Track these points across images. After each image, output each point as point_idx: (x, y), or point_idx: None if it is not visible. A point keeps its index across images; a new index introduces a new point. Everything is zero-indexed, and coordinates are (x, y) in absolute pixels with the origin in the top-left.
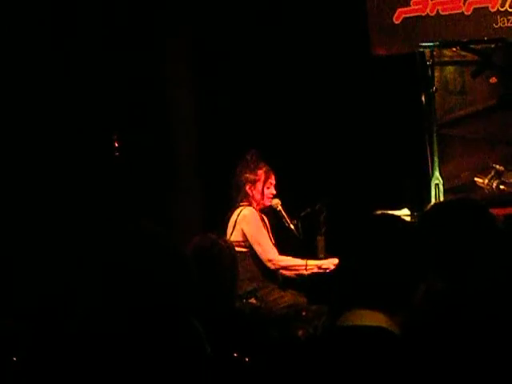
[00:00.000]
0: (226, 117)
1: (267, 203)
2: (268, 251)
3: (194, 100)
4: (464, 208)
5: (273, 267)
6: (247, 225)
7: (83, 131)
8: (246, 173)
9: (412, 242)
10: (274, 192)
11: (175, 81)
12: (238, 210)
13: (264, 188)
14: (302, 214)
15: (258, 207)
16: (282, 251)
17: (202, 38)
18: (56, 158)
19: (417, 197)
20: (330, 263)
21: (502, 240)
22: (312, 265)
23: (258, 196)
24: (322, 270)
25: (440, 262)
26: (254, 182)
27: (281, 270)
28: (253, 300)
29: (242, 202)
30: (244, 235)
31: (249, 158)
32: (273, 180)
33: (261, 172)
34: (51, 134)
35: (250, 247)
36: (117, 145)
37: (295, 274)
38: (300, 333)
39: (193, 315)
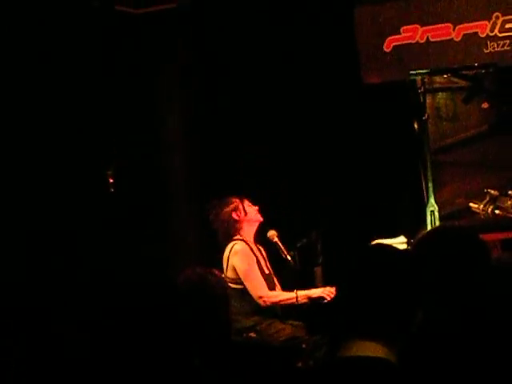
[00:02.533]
0: (222, 145)
1: (259, 218)
2: (258, 288)
3: (185, 115)
4: (454, 235)
5: (263, 304)
6: (238, 261)
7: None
8: (223, 209)
9: (408, 271)
10: (257, 207)
11: (167, 98)
12: (230, 245)
13: (245, 207)
14: (299, 244)
15: (251, 231)
16: (280, 283)
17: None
18: (50, 177)
19: (412, 224)
20: (321, 292)
21: (493, 267)
22: (302, 295)
23: (246, 216)
24: (314, 299)
25: (434, 290)
26: (236, 209)
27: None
28: (252, 334)
29: (234, 235)
30: (236, 272)
31: (213, 203)
32: (248, 201)
33: (234, 199)
34: (43, 153)
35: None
36: (112, 180)
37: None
38: (300, 364)
39: (187, 348)
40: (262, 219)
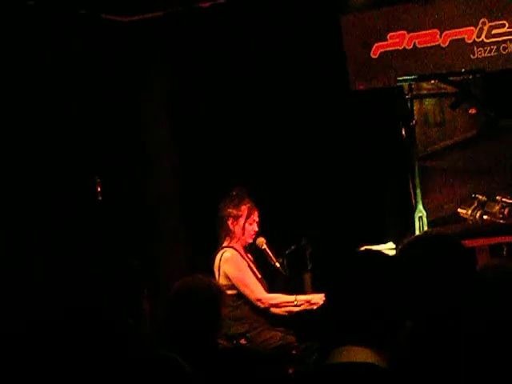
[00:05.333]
0: (209, 154)
1: (249, 240)
2: (255, 291)
3: (173, 136)
4: (437, 242)
5: (262, 306)
6: (230, 267)
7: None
8: (229, 208)
9: (396, 277)
10: (257, 229)
11: (154, 119)
12: (220, 253)
13: (246, 224)
14: (287, 251)
15: (240, 244)
16: (270, 290)
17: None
18: (39, 199)
19: (401, 230)
20: (320, 297)
21: (475, 273)
22: (301, 300)
23: (239, 232)
24: (312, 305)
25: (417, 296)
26: (236, 218)
27: (271, 308)
28: (243, 341)
29: (224, 238)
30: (228, 278)
31: (234, 193)
32: (256, 217)
33: (244, 208)
34: (32, 175)
35: (237, 289)
36: (99, 189)
37: (285, 312)
38: (290, 371)
39: (178, 354)
40: (249, 241)
